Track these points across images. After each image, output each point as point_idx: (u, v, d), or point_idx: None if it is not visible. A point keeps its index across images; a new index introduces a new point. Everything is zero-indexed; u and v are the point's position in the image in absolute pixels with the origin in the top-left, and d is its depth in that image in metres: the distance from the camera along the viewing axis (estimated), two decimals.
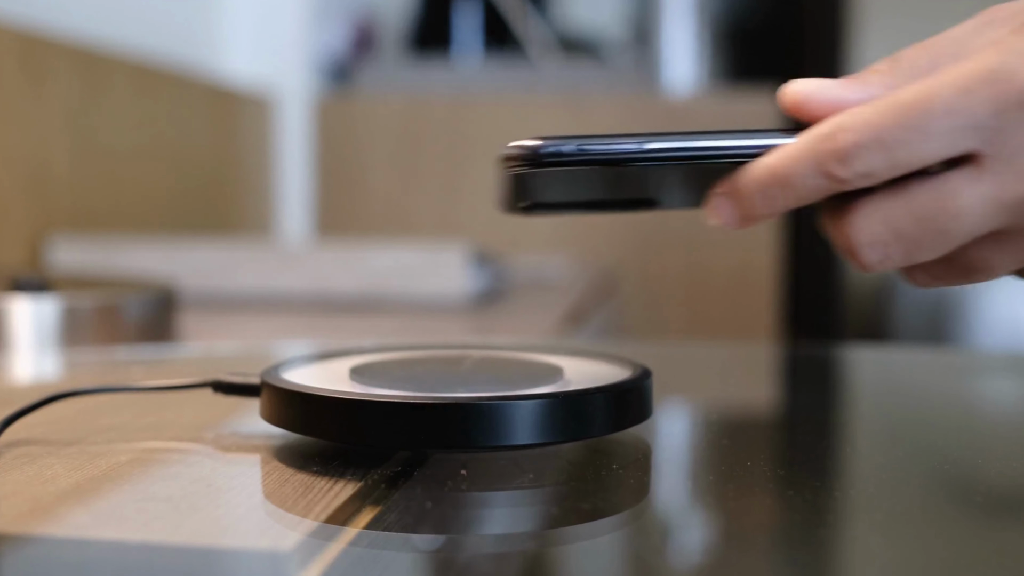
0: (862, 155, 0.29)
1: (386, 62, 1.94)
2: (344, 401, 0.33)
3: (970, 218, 0.29)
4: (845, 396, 0.54)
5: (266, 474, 0.34)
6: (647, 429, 0.37)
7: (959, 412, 0.51)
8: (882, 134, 0.28)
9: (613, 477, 0.35)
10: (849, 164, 0.29)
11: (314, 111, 1.78)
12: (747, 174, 0.30)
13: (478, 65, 1.92)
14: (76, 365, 0.61)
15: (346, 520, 0.29)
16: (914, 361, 0.64)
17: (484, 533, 0.31)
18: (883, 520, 0.31)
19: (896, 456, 0.39)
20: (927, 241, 0.29)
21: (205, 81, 1.51)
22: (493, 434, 0.32)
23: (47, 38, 1.09)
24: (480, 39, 1.96)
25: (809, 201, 0.30)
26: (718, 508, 0.33)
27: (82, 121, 1.16)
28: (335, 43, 1.89)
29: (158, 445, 0.38)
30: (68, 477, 0.33)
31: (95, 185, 1.18)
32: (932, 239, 0.29)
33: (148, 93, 1.32)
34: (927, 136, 0.28)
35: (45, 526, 0.29)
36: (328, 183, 1.78)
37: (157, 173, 1.35)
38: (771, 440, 0.44)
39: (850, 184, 0.29)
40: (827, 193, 0.30)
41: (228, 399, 0.39)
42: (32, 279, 0.72)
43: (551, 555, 0.29)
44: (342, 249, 1.09)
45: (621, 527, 0.31)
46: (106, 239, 1.10)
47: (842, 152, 0.29)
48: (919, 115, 0.28)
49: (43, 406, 0.38)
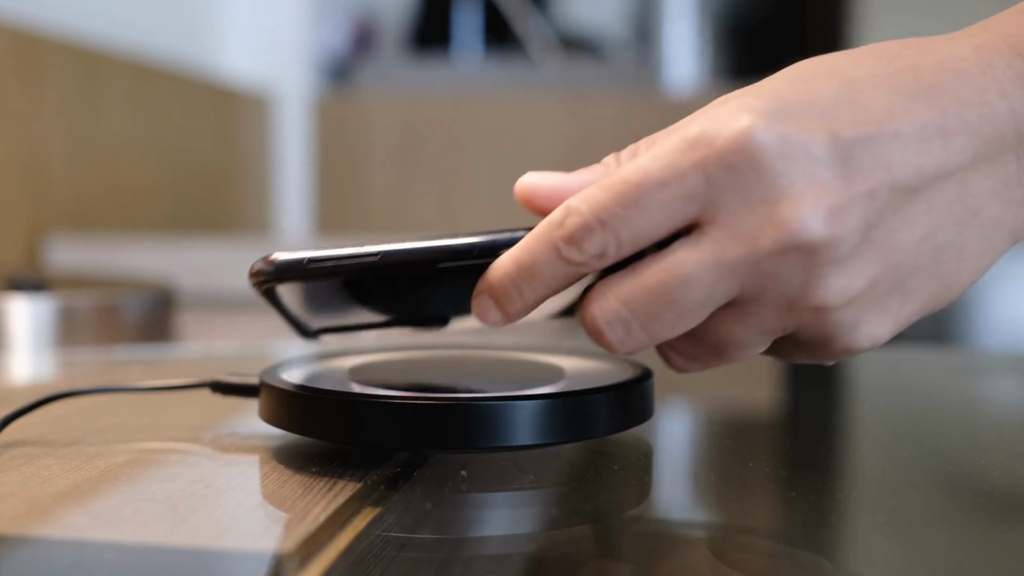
0: (589, 236, 0.29)
1: (386, 60, 1.94)
2: (343, 401, 0.33)
3: (697, 285, 0.29)
4: (848, 396, 0.53)
5: (265, 475, 0.34)
6: (648, 430, 0.37)
7: (962, 413, 0.50)
8: (603, 214, 0.29)
9: (614, 478, 0.35)
10: (579, 246, 0.29)
11: (313, 109, 1.78)
12: (495, 269, 0.31)
13: (478, 63, 1.92)
14: (73, 365, 0.61)
15: (345, 521, 0.29)
16: (917, 361, 0.64)
17: (484, 534, 0.31)
18: (886, 521, 0.30)
19: (899, 457, 0.39)
20: (661, 313, 0.29)
21: (204, 79, 1.51)
22: (493, 435, 0.32)
23: (45, 36, 1.08)
24: (480, 37, 1.95)
25: (563, 288, 0.31)
26: (720, 509, 0.33)
27: (80, 119, 1.15)
28: (335, 41, 1.89)
29: (156, 446, 0.37)
30: (65, 478, 0.33)
31: (93, 184, 1.18)
32: (665, 310, 0.29)
33: (147, 92, 1.32)
34: (645, 211, 0.29)
35: (42, 527, 0.29)
36: (327, 182, 1.78)
37: (155, 172, 1.35)
38: (773, 441, 0.44)
39: (588, 266, 0.30)
40: (574, 277, 0.30)
41: (226, 399, 0.39)
42: (29, 278, 0.72)
43: (552, 556, 0.28)
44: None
45: (622, 528, 0.31)
46: (104, 238, 1.10)
47: (570, 236, 0.30)
48: (634, 191, 0.29)
49: (40, 406, 0.38)
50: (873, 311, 0.30)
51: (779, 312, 0.29)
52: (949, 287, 0.30)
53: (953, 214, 0.29)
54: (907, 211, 0.29)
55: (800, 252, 0.28)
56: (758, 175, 0.28)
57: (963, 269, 0.30)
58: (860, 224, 0.28)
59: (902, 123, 0.29)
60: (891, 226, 0.29)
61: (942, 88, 0.29)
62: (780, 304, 0.29)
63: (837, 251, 0.28)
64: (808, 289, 0.29)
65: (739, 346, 0.30)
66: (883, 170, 0.29)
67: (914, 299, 0.30)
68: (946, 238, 0.30)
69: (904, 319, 0.30)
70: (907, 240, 0.29)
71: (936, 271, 0.30)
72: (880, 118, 0.29)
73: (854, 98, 0.29)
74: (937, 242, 0.29)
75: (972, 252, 0.30)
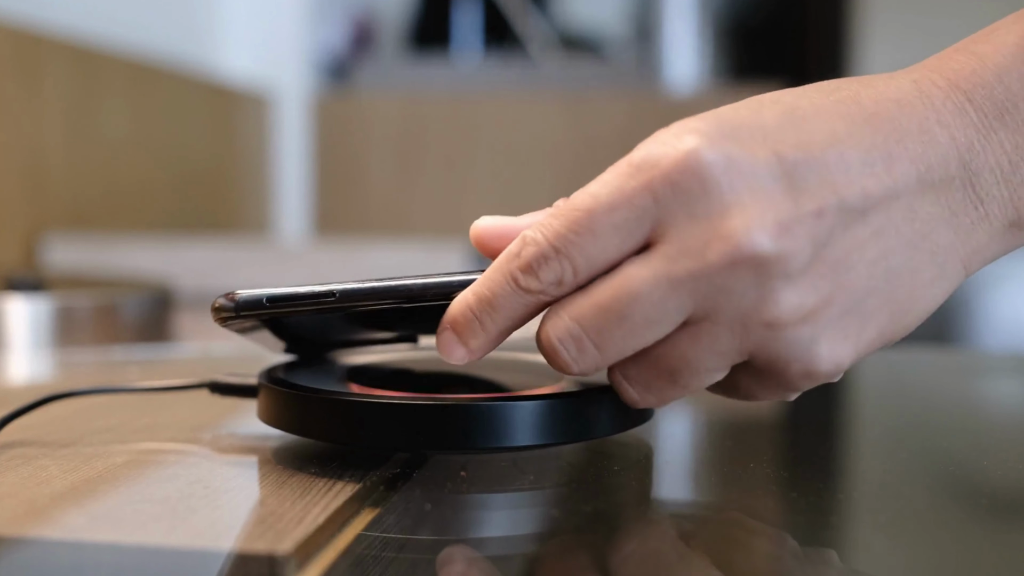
0: (545, 264, 0.30)
1: (385, 60, 1.94)
2: (342, 402, 0.33)
3: (648, 300, 0.29)
4: (849, 397, 0.53)
5: (263, 476, 0.34)
6: (649, 430, 0.37)
7: (964, 413, 0.50)
8: (557, 242, 0.30)
9: (614, 479, 0.34)
10: (536, 275, 0.30)
11: (312, 109, 1.78)
12: (456, 304, 0.31)
13: (478, 62, 1.92)
14: (72, 365, 0.61)
15: (345, 522, 0.29)
16: (918, 361, 0.64)
17: (484, 535, 0.31)
18: (888, 522, 0.30)
19: (900, 457, 0.39)
20: (612, 329, 0.29)
21: (203, 78, 1.50)
22: (493, 435, 0.32)
23: (43, 35, 1.08)
24: (480, 36, 1.95)
25: (525, 320, 0.31)
26: (721, 510, 0.33)
27: (78, 119, 1.15)
28: (334, 40, 1.89)
29: (154, 446, 0.37)
30: (63, 479, 0.33)
31: (91, 183, 1.18)
32: (616, 326, 0.29)
33: (145, 91, 1.32)
34: (597, 236, 0.29)
35: (40, 528, 0.29)
36: (326, 181, 1.78)
37: (154, 171, 1.35)
38: (774, 441, 0.44)
39: (546, 294, 0.30)
40: (535, 308, 0.31)
41: (225, 400, 0.39)
42: (27, 278, 0.72)
43: (551, 558, 0.28)
44: (340, 248, 1.09)
45: (623, 529, 0.30)
46: (102, 238, 1.10)
47: (527, 265, 0.30)
48: (586, 217, 0.29)
49: (38, 407, 0.38)
50: (830, 331, 0.29)
51: (733, 330, 0.29)
52: (906, 312, 0.30)
53: (902, 237, 0.30)
54: (856, 232, 0.29)
55: (749, 265, 0.28)
56: (705, 191, 0.28)
57: (918, 296, 0.30)
58: (809, 241, 0.29)
59: (846, 147, 0.29)
60: (842, 246, 0.29)
61: (884, 117, 0.30)
62: (733, 321, 0.29)
63: (787, 266, 0.28)
64: (760, 304, 0.29)
65: (694, 370, 0.30)
66: (830, 190, 0.29)
67: (872, 323, 0.30)
68: (898, 260, 0.30)
69: (865, 344, 0.30)
70: (858, 260, 0.29)
71: (892, 294, 0.30)
72: (824, 142, 0.29)
73: (797, 124, 0.30)
74: (889, 265, 0.30)
75: (925, 277, 0.30)
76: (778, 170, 0.29)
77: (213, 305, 0.33)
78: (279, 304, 0.32)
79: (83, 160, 1.15)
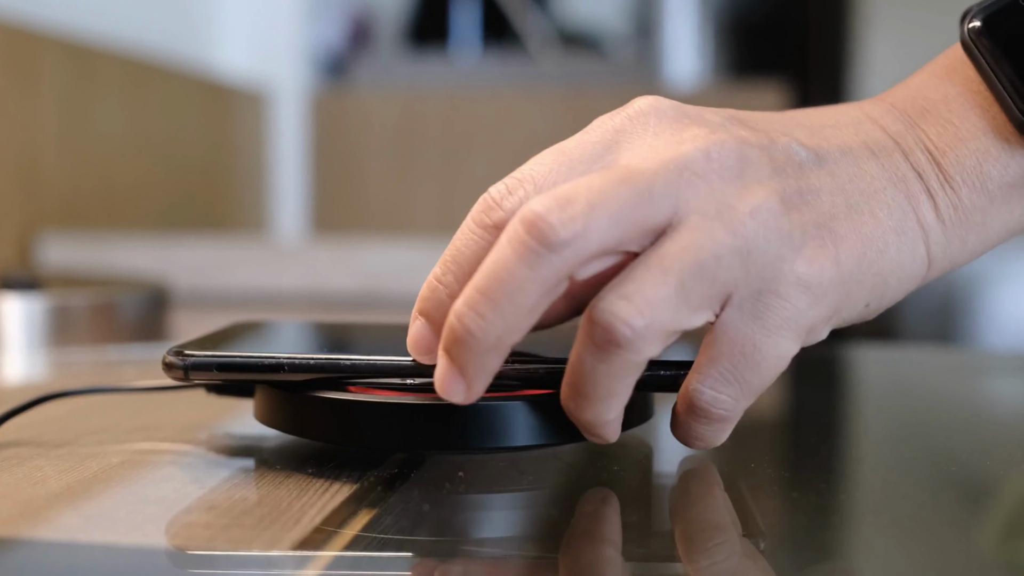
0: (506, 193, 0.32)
1: (383, 56, 1.94)
2: (340, 402, 0.33)
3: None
4: (852, 396, 0.53)
5: (260, 476, 0.33)
6: (648, 430, 0.37)
7: (967, 413, 0.50)
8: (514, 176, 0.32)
9: (614, 479, 0.34)
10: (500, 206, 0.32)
11: (310, 106, 1.77)
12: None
13: (477, 59, 1.92)
14: (67, 365, 0.60)
15: (342, 523, 0.29)
16: (920, 361, 0.63)
17: (483, 536, 0.31)
18: (890, 522, 0.30)
19: (903, 457, 0.39)
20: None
21: (199, 75, 1.50)
22: (492, 435, 0.32)
23: (38, 32, 1.08)
24: (479, 33, 1.95)
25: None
26: (721, 511, 0.32)
27: (73, 116, 1.15)
28: (331, 37, 1.88)
29: (150, 447, 0.37)
30: (59, 479, 0.32)
31: (86, 181, 1.18)
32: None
33: (140, 88, 1.32)
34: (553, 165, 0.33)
35: (35, 529, 0.29)
36: (324, 179, 1.78)
37: (150, 169, 1.34)
38: (776, 441, 0.44)
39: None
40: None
41: (222, 400, 0.39)
42: (22, 277, 0.71)
43: (551, 558, 0.28)
44: (338, 246, 1.09)
45: (623, 530, 0.30)
46: (98, 236, 1.10)
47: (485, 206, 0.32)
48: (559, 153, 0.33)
49: (33, 407, 0.38)
50: (808, 239, 0.30)
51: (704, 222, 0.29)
52: (879, 253, 0.31)
53: (856, 185, 0.32)
54: (811, 171, 0.31)
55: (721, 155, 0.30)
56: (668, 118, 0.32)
57: (887, 242, 0.31)
58: (765, 154, 0.31)
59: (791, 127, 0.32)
60: (800, 177, 0.31)
61: (822, 118, 0.34)
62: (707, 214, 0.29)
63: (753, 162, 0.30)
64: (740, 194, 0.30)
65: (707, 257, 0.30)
66: (781, 132, 0.32)
67: (846, 246, 0.31)
68: (855, 199, 0.31)
69: (844, 267, 0.30)
70: (818, 189, 0.31)
71: (858, 227, 0.31)
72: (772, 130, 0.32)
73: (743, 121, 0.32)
74: (848, 199, 0.31)
75: (887, 225, 0.31)
76: (732, 119, 0.32)
77: (163, 360, 0.34)
78: (229, 373, 0.33)
79: (78, 157, 1.15)
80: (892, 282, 0.32)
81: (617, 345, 0.29)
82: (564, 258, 0.28)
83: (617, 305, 0.28)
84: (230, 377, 0.33)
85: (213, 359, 0.33)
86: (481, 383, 0.30)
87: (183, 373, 0.33)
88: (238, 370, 0.33)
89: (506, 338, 0.29)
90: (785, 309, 0.30)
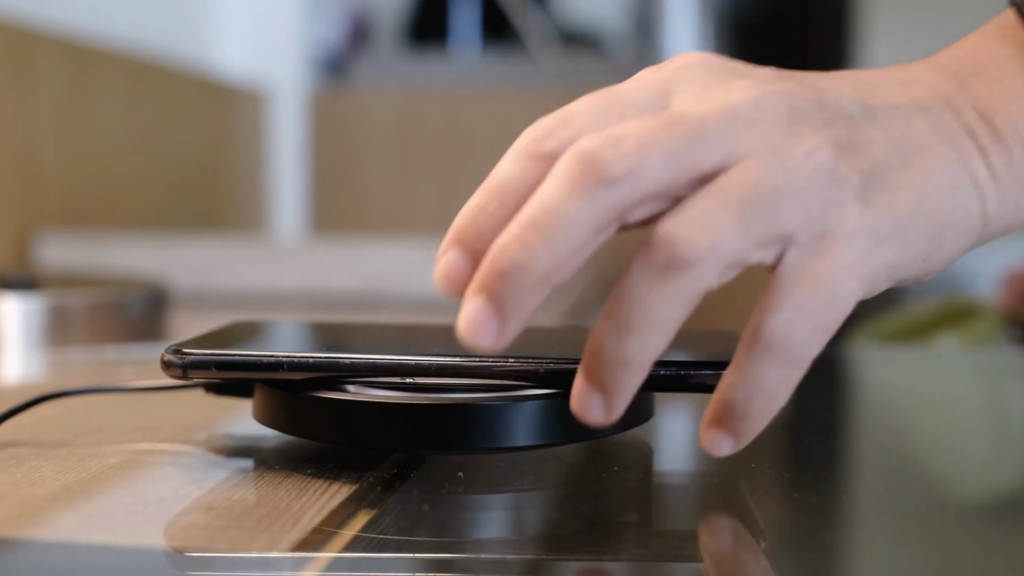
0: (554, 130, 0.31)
1: (382, 55, 1.94)
2: (339, 402, 0.33)
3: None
4: (851, 397, 0.53)
5: (259, 477, 0.33)
6: (649, 430, 0.37)
7: (967, 414, 0.50)
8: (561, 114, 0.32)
9: (614, 479, 0.34)
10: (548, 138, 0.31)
11: (309, 105, 1.77)
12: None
13: (476, 58, 1.91)
14: (65, 365, 0.60)
15: (341, 524, 0.29)
16: (922, 361, 0.63)
17: (482, 537, 0.30)
18: (890, 523, 0.30)
19: (904, 458, 0.38)
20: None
21: (197, 74, 1.50)
22: (491, 435, 0.32)
23: (36, 31, 1.08)
24: (478, 32, 1.95)
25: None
26: (722, 511, 0.32)
27: (72, 115, 1.15)
28: (330, 36, 1.88)
29: (149, 447, 0.37)
30: (57, 480, 0.32)
31: (85, 181, 1.17)
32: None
33: (139, 87, 1.31)
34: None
35: (33, 530, 0.29)
36: (323, 178, 1.78)
37: (148, 168, 1.34)
38: (776, 442, 0.43)
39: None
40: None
41: (220, 400, 0.39)
42: (20, 277, 0.71)
43: (551, 559, 0.28)
44: (338, 246, 1.09)
45: (622, 531, 0.30)
46: (96, 236, 1.10)
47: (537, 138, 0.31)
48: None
49: (31, 407, 0.38)
50: (863, 186, 0.30)
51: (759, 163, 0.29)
52: (936, 204, 0.30)
53: (906, 138, 0.31)
54: (863, 125, 0.30)
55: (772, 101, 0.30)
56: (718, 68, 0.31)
57: (942, 194, 0.30)
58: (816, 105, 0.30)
59: (839, 84, 0.32)
60: (851, 125, 0.30)
61: (870, 77, 0.33)
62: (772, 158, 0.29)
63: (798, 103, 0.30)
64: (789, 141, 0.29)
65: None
66: (828, 88, 0.31)
67: (902, 195, 0.30)
68: (908, 153, 0.30)
69: (901, 215, 0.30)
70: (869, 138, 0.30)
71: (910, 176, 0.30)
72: (820, 86, 0.31)
73: (791, 76, 0.32)
74: (901, 153, 0.30)
75: (941, 180, 0.30)
76: (779, 75, 0.31)
77: (162, 359, 0.34)
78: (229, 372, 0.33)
79: (77, 157, 1.15)
80: (949, 236, 0.31)
81: (680, 266, 0.28)
82: (617, 196, 0.28)
83: (681, 226, 0.28)
84: (229, 375, 0.33)
85: (212, 357, 0.33)
86: (516, 323, 0.28)
87: (182, 371, 0.33)
88: (237, 368, 0.33)
89: (552, 275, 0.28)
90: (849, 250, 0.29)
